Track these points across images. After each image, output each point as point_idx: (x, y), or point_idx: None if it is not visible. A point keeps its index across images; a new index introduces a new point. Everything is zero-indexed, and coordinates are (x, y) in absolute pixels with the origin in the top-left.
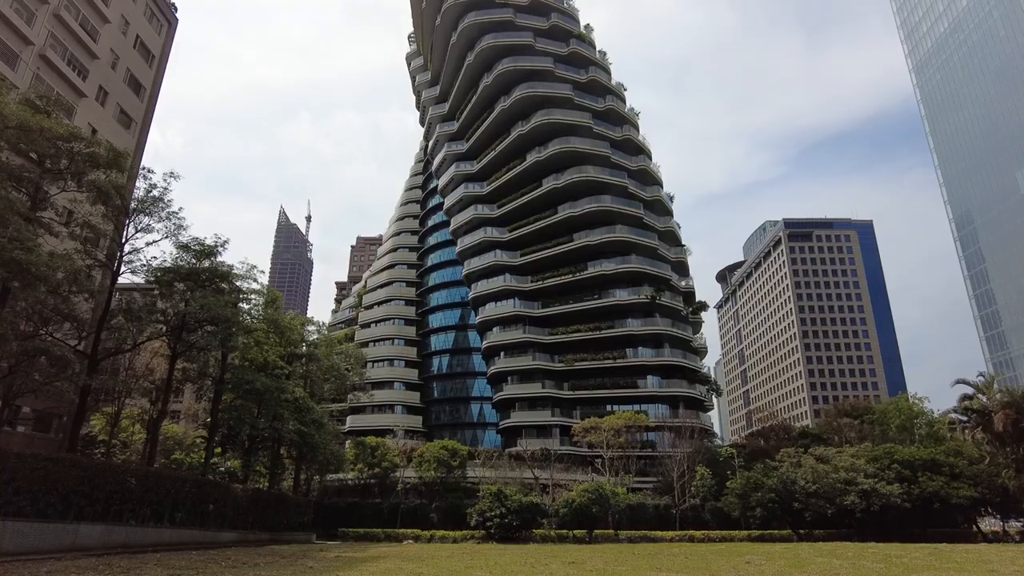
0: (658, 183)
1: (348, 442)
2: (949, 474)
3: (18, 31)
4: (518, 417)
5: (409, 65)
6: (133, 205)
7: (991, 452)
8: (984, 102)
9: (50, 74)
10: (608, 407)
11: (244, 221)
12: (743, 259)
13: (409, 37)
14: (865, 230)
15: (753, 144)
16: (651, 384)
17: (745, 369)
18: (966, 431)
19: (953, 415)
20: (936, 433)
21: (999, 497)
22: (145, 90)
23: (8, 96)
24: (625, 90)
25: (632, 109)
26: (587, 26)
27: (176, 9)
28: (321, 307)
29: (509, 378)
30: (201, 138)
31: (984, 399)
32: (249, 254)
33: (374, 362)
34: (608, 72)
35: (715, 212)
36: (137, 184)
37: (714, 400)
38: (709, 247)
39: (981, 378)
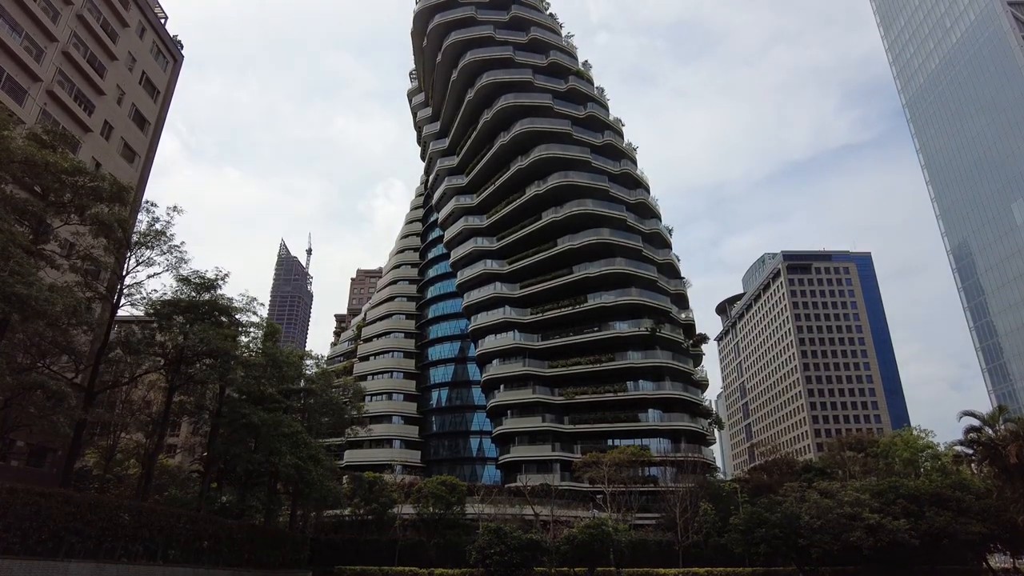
0: (656, 216)
1: (345, 477)
2: (956, 509)
3: (27, 68)
4: (518, 452)
5: (411, 101)
6: (135, 238)
7: (999, 486)
8: (977, 135)
9: (57, 109)
10: (609, 441)
11: (246, 253)
12: (743, 291)
13: (411, 74)
14: (864, 262)
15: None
16: (652, 418)
17: (747, 402)
18: (972, 464)
19: (959, 448)
20: (942, 467)
21: (1008, 533)
22: (149, 125)
23: (14, 131)
24: (623, 126)
25: (630, 144)
26: (585, 63)
27: (182, 47)
28: (320, 339)
29: (509, 412)
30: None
31: (991, 431)
32: (249, 285)
33: (373, 395)
34: (606, 108)
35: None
36: (140, 217)
37: (716, 434)
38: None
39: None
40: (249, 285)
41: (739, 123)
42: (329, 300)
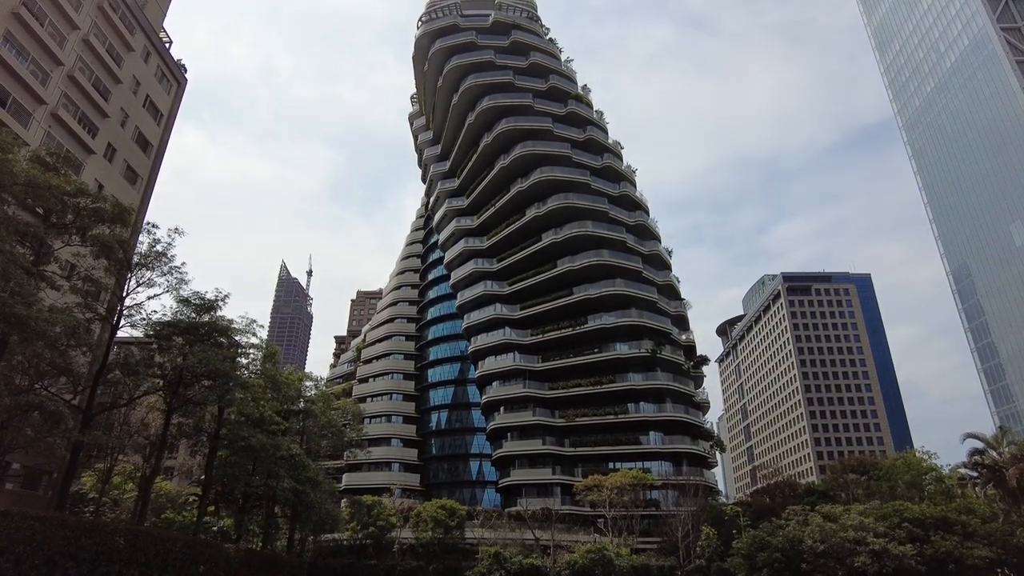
0: (656, 238)
1: (344, 501)
2: (962, 533)
3: (32, 91)
4: (518, 475)
5: (412, 125)
6: (136, 259)
7: (1005, 510)
8: (974, 157)
9: (61, 132)
10: (610, 464)
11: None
12: (743, 313)
13: (412, 98)
14: (863, 283)
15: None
16: (653, 440)
17: (748, 424)
18: (977, 487)
19: (963, 471)
20: (947, 489)
21: (1016, 558)
22: (152, 147)
23: (19, 154)
24: (622, 148)
25: (629, 166)
26: (584, 87)
27: (186, 70)
28: (320, 361)
29: (509, 434)
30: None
31: (995, 454)
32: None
33: (372, 418)
34: (605, 131)
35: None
36: (141, 238)
37: (718, 456)
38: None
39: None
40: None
41: (803, 78)
42: (331, 290)
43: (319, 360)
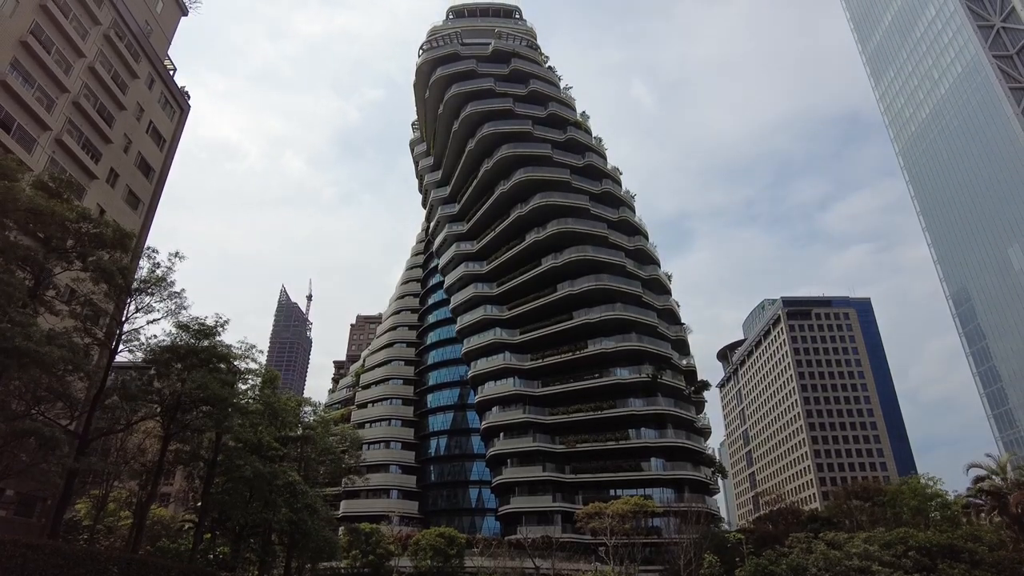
0: (655, 262)
1: (342, 528)
2: (969, 561)
3: (37, 117)
4: (518, 502)
5: (412, 151)
6: (135, 285)
7: (1012, 537)
8: (970, 182)
9: (64, 157)
10: (611, 491)
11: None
12: (743, 337)
13: (412, 124)
14: (863, 307)
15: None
16: (655, 467)
17: (750, 450)
18: (982, 514)
19: (968, 498)
20: (953, 516)
21: None
22: (154, 172)
23: (22, 179)
24: (621, 174)
25: (628, 192)
26: (583, 114)
27: (189, 97)
28: (319, 385)
29: (509, 461)
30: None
31: (999, 480)
32: (248, 332)
33: (370, 444)
34: (604, 157)
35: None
36: (141, 263)
37: (720, 483)
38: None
39: (993, 458)
40: (249, 332)
41: None
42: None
43: (317, 384)
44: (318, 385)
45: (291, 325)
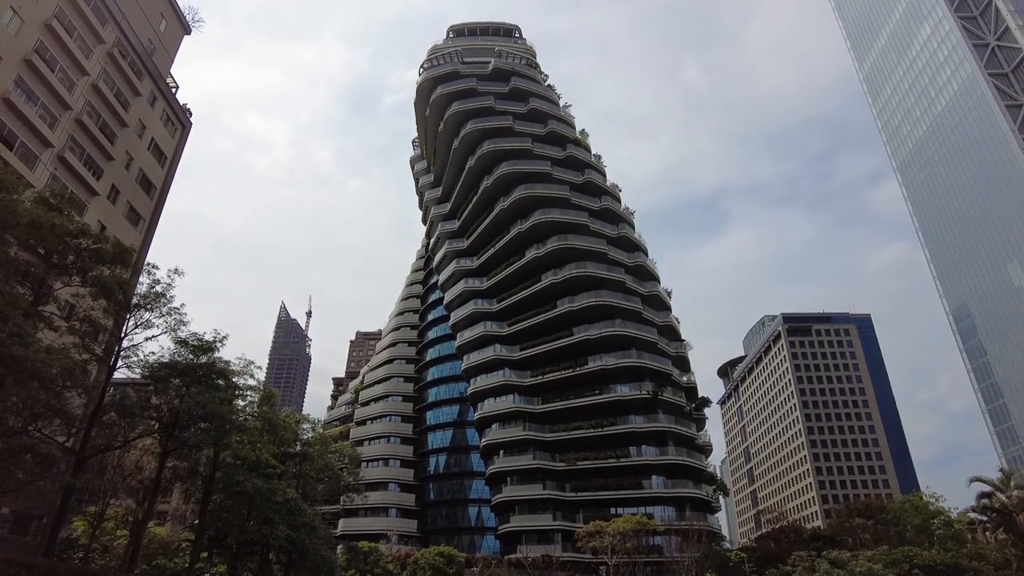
0: (655, 278)
1: (340, 547)
2: None
3: (40, 134)
4: (518, 521)
5: (413, 168)
6: (135, 300)
7: (1018, 556)
8: (969, 199)
9: (66, 173)
10: (612, 510)
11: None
12: (743, 354)
13: (413, 142)
14: (864, 323)
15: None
16: (656, 484)
17: (751, 468)
18: (987, 532)
19: (972, 515)
20: (957, 534)
21: None
22: (155, 189)
23: (23, 195)
24: (620, 191)
25: (627, 208)
26: (582, 131)
27: (191, 114)
28: (318, 402)
29: (509, 478)
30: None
31: (1003, 497)
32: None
33: (369, 461)
34: (603, 174)
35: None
36: (140, 279)
37: (721, 501)
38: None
39: (999, 474)
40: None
41: None
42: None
43: (317, 404)
44: (319, 392)
45: (290, 342)
